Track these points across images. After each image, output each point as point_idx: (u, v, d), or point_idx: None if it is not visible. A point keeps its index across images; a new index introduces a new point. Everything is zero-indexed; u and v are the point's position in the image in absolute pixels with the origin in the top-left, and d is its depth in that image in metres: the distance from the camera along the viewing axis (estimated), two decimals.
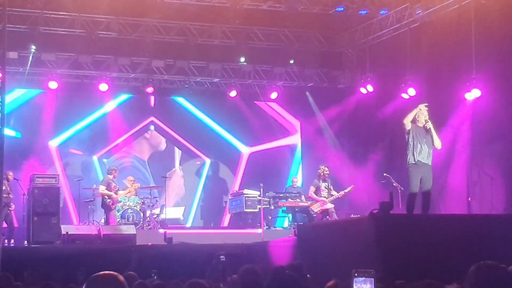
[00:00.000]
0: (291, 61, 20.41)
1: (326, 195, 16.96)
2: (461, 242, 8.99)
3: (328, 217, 16.70)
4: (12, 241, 15.87)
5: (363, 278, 3.60)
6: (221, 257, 10.70)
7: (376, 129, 19.43)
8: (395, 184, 16.10)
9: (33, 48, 18.43)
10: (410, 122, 11.78)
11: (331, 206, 16.92)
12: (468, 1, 16.33)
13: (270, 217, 18.11)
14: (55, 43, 18.60)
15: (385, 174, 16.90)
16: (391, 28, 18.87)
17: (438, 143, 11.72)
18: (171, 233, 15.55)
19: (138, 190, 18.21)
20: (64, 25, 18.47)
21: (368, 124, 19.74)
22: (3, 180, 12.57)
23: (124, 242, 15.28)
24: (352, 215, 16.72)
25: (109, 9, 18.12)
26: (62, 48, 18.71)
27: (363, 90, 19.84)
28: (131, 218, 17.26)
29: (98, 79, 19.27)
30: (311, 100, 21.38)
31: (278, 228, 18.28)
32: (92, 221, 17.15)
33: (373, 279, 3.60)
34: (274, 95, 20.75)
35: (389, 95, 18.14)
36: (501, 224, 9.73)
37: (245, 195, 18.45)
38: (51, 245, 15.12)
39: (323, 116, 21.13)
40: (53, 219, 15.90)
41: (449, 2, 16.97)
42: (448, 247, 8.91)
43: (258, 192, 18.36)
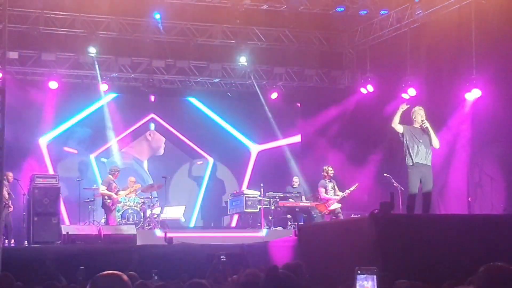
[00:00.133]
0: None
1: (333, 195, 16.96)
2: (461, 242, 8.98)
3: (335, 217, 16.67)
4: (13, 241, 15.84)
5: (365, 275, 3.61)
6: (222, 257, 10.69)
7: (376, 129, 19.37)
8: (396, 184, 16.09)
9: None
10: (403, 125, 11.73)
11: (339, 206, 16.90)
12: (468, 2, 16.33)
13: (270, 217, 18.10)
14: (56, 43, 18.60)
15: (385, 174, 16.89)
16: (392, 28, 18.89)
17: (436, 143, 11.69)
18: (170, 236, 15.44)
19: (138, 190, 18.18)
20: (65, 25, 18.49)
21: (368, 124, 19.72)
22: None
23: (125, 242, 15.29)
24: (352, 215, 16.70)
25: (110, 9, 18.14)
26: (63, 48, 18.72)
27: (363, 90, 19.85)
28: (131, 218, 17.25)
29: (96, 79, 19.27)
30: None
31: (278, 228, 18.26)
32: (93, 221, 17.14)
33: (375, 276, 3.61)
34: (274, 95, 20.76)
35: (390, 95, 18.12)
36: (501, 224, 9.71)
37: (245, 195, 18.45)
38: (51, 245, 15.12)
39: (323, 116, 21.10)
40: (53, 219, 15.89)
41: (450, 2, 16.98)
42: (448, 247, 8.89)
43: (259, 192, 18.37)
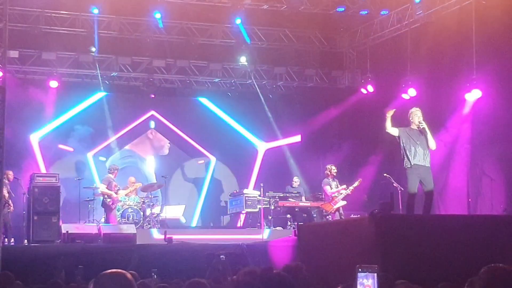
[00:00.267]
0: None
1: (337, 194, 16.96)
2: (461, 243, 8.99)
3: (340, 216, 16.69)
4: (12, 240, 15.83)
5: (366, 273, 3.61)
6: (221, 257, 10.70)
7: (377, 130, 19.36)
8: (395, 185, 16.09)
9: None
10: (399, 127, 11.72)
11: (344, 203, 16.88)
12: (469, 2, 16.33)
13: (270, 217, 18.10)
14: (56, 42, 18.60)
15: (385, 175, 16.88)
16: (392, 29, 18.89)
17: (433, 144, 11.66)
18: (170, 236, 15.38)
19: (138, 190, 18.17)
20: (65, 24, 18.49)
21: (368, 124, 19.70)
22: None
23: (125, 241, 15.30)
24: (352, 215, 16.70)
25: (110, 9, 18.14)
26: (63, 47, 18.72)
27: (364, 90, 19.85)
28: (131, 217, 17.25)
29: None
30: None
31: (278, 228, 18.25)
32: (92, 220, 17.14)
33: (376, 274, 3.61)
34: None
35: (390, 95, 18.12)
36: (501, 225, 9.72)
37: (245, 195, 18.45)
38: (51, 244, 15.11)
39: (323, 116, 21.09)
40: (53, 218, 15.87)
41: (450, 3, 16.98)
42: (448, 248, 8.90)
43: (258, 192, 18.36)
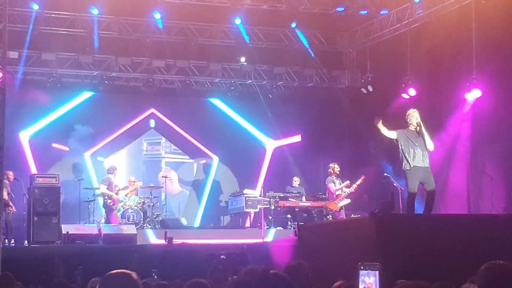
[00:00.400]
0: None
1: (340, 192, 16.95)
2: (461, 242, 9.00)
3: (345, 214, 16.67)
4: (13, 241, 15.82)
5: (368, 271, 3.61)
6: (222, 257, 10.70)
7: (376, 130, 19.37)
8: (396, 184, 16.09)
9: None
10: (397, 130, 11.72)
11: (348, 201, 16.83)
12: (469, 1, 16.33)
13: (270, 217, 18.09)
14: (56, 43, 18.60)
15: (386, 174, 16.90)
16: (392, 28, 18.88)
17: (430, 145, 11.64)
18: (171, 236, 15.32)
19: (139, 190, 18.16)
20: (65, 25, 18.48)
21: (368, 124, 19.70)
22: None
23: (125, 242, 15.30)
24: (353, 215, 16.70)
25: (110, 9, 18.14)
26: (63, 48, 18.71)
27: (364, 90, 19.84)
28: (132, 218, 17.24)
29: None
30: None
31: (278, 228, 18.25)
32: (93, 221, 17.13)
33: (378, 272, 3.61)
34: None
35: (390, 95, 18.12)
36: (501, 224, 9.72)
37: (245, 195, 18.45)
38: (52, 245, 15.11)
39: (323, 116, 21.08)
40: (54, 219, 15.89)
41: (450, 2, 16.97)
42: (448, 247, 8.92)
43: (258, 192, 18.36)
